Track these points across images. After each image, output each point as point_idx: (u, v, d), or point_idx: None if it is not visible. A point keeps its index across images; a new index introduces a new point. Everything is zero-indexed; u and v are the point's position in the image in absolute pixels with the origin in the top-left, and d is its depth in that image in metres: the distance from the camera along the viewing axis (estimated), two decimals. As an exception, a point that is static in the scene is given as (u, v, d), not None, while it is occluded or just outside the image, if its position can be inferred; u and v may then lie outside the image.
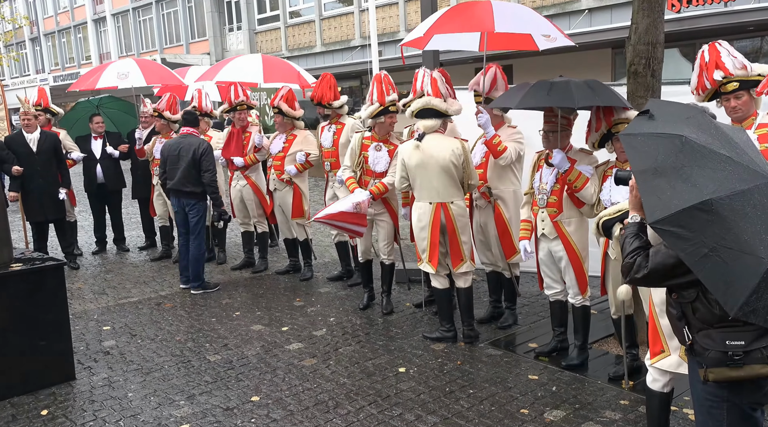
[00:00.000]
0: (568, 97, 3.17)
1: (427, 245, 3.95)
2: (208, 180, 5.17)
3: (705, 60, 3.09)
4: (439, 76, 3.93)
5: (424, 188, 3.91)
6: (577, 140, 3.55)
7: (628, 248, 1.86)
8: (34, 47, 33.99)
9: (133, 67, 6.71)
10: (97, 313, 4.97)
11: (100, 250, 7.02)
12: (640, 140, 1.75)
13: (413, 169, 3.91)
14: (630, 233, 1.89)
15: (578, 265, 3.53)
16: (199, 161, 5.13)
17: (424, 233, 3.95)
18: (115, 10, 27.62)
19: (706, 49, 3.11)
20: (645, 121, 1.82)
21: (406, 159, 3.92)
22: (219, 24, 22.55)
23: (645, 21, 3.66)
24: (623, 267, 1.88)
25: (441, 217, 3.89)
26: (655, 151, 1.69)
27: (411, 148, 3.90)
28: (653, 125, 1.78)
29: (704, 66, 3.10)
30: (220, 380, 3.61)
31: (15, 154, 5.72)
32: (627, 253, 1.86)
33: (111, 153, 6.63)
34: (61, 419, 3.23)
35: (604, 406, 3.17)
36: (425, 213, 3.92)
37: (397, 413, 3.16)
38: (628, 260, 1.84)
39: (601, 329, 4.13)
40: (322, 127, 5.41)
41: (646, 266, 1.78)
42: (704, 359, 1.79)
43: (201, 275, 5.40)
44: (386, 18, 17.02)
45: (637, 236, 1.87)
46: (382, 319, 4.59)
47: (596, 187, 3.34)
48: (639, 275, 1.81)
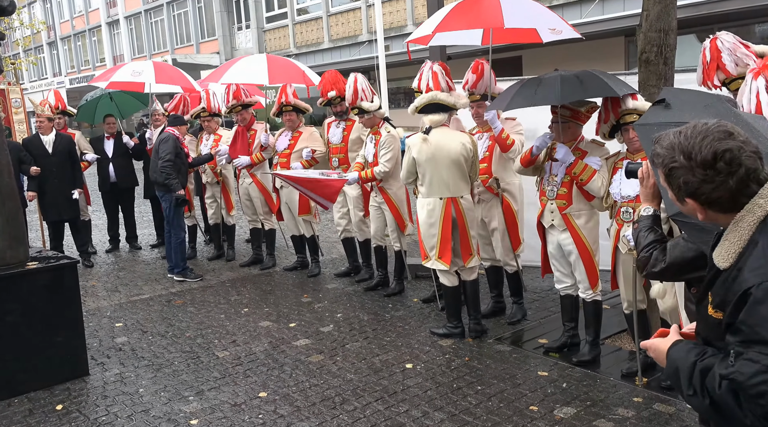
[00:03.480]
0: (552, 94, 3.15)
1: (438, 241, 3.88)
2: (160, 166, 5.39)
3: (706, 59, 2.93)
4: (439, 70, 3.90)
5: (434, 183, 3.84)
6: (591, 132, 3.49)
7: (644, 241, 1.78)
8: (51, 51, 34.57)
9: (148, 66, 6.81)
10: (110, 310, 5.04)
11: (113, 248, 7.12)
12: (656, 130, 1.69)
13: (423, 163, 3.83)
14: (644, 226, 1.81)
15: (588, 258, 3.47)
16: (158, 150, 5.46)
17: (434, 230, 3.87)
18: (128, 13, 27.96)
19: (707, 46, 2.94)
20: (660, 111, 1.75)
21: (416, 153, 3.84)
22: (228, 23, 22.70)
23: (656, 7, 3.56)
24: (639, 261, 1.80)
25: (452, 212, 3.84)
26: None
27: (420, 142, 3.82)
28: (669, 114, 1.71)
29: (706, 65, 2.95)
30: (228, 376, 3.63)
31: (32, 156, 5.85)
32: (642, 247, 1.78)
33: (126, 142, 6.75)
34: (75, 414, 3.28)
35: (616, 403, 3.11)
36: (436, 209, 3.85)
37: (404, 409, 3.15)
38: (644, 254, 1.77)
39: (614, 325, 4.07)
40: (329, 124, 5.40)
41: (664, 260, 1.71)
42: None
43: (179, 263, 5.62)
44: (393, 12, 16.97)
45: (652, 228, 1.80)
46: (389, 315, 4.58)
47: (604, 180, 3.28)
48: (656, 269, 1.73)
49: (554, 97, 3.14)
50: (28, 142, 6.04)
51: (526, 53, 13.58)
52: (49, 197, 6.00)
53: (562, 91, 3.11)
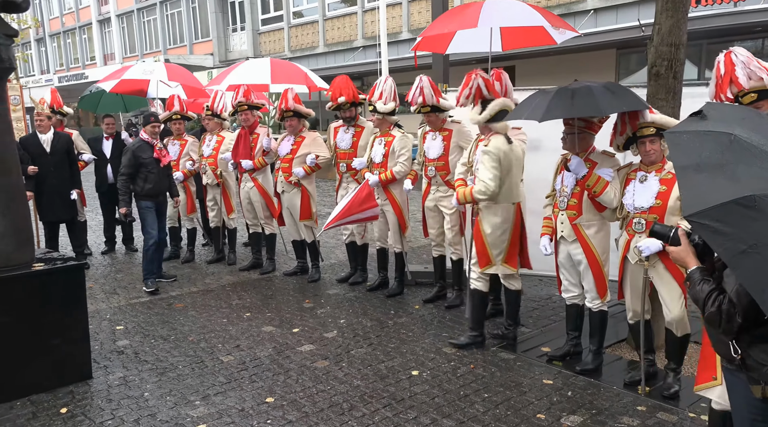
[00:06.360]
0: (592, 105, 3.13)
1: (507, 245, 3.88)
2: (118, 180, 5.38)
3: (720, 73, 2.97)
4: (493, 76, 3.92)
5: (512, 188, 3.83)
6: (602, 143, 3.53)
7: (702, 295, 1.76)
8: (39, 48, 34.06)
9: (159, 66, 6.81)
10: (110, 312, 4.99)
11: (109, 250, 7.04)
12: (685, 138, 1.71)
13: (509, 170, 3.78)
14: (695, 280, 1.80)
15: (597, 269, 3.52)
16: None
17: (506, 235, 3.87)
18: (120, 11, 27.68)
19: (722, 60, 2.98)
20: (695, 121, 1.77)
21: (503, 159, 3.73)
22: (222, 24, 22.59)
23: (669, 22, 3.62)
24: (708, 318, 1.75)
25: (520, 216, 3.97)
26: (700, 148, 1.64)
27: (507, 149, 3.75)
28: (703, 124, 1.73)
29: (719, 78, 2.99)
30: (234, 381, 3.62)
31: (29, 155, 5.77)
32: (703, 301, 1.76)
33: (125, 139, 6.73)
34: (80, 418, 3.24)
35: (621, 412, 3.17)
36: (510, 214, 3.87)
37: (413, 416, 3.17)
38: (711, 309, 1.73)
39: (612, 335, 4.13)
40: (336, 128, 5.43)
41: (736, 313, 1.67)
42: (761, 375, 1.72)
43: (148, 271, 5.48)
44: (389, 18, 17.02)
45: (703, 279, 1.78)
46: (392, 321, 4.60)
47: (617, 192, 3.33)
48: (733, 325, 1.69)
49: (597, 108, 3.13)
50: (26, 140, 5.94)
51: (519, 63, 13.74)
52: (47, 197, 5.92)
53: (601, 103, 3.11)
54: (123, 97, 7.29)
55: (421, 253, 6.68)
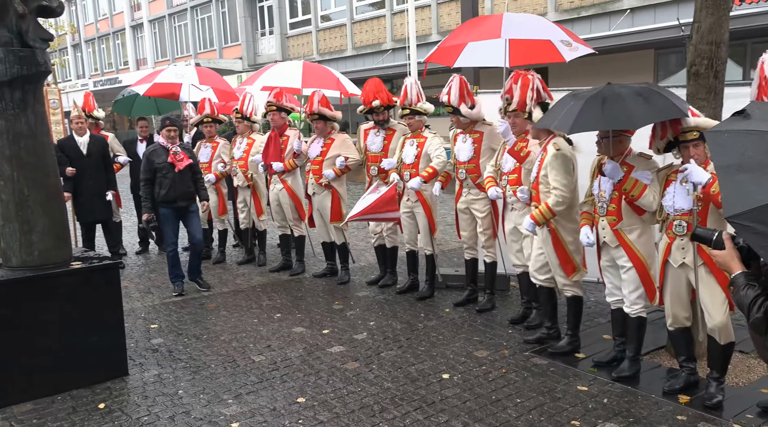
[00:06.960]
0: (624, 115, 3.00)
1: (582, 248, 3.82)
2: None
3: (764, 73, 2.91)
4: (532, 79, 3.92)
5: (577, 190, 3.81)
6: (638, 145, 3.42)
7: (746, 300, 1.72)
8: (75, 53, 35.25)
9: (191, 70, 6.96)
10: (144, 311, 5.10)
11: (143, 250, 7.22)
12: (726, 137, 1.66)
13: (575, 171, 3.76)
14: (740, 285, 1.76)
15: (644, 272, 3.40)
16: None
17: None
18: (152, 17, 28.43)
19: (765, 60, 2.92)
20: (737, 120, 1.72)
21: (574, 162, 3.73)
22: (251, 29, 22.95)
23: (709, 19, 3.50)
24: (754, 324, 1.71)
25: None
26: (743, 148, 1.60)
27: (572, 150, 3.73)
28: (746, 123, 1.69)
29: (763, 79, 2.93)
30: (265, 381, 3.66)
31: (67, 157, 5.95)
32: (748, 305, 1.72)
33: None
34: (117, 413, 3.32)
35: (660, 421, 3.08)
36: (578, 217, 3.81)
37: (444, 419, 3.14)
38: (757, 315, 1.70)
39: (649, 342, 4.01)
40: (366, 131, 5.44)
41: None
42: None
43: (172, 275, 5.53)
44: (418, 21, 17.00)
45: (749, 285, 1.74)
46: (422, 324, 4.58)
47: (656, 194, 3.24)
48: None
49: (629, 121, 3.01)
50: (63, 143, 6.13)
51: (552, 66, 13.52)
52: (84, 198, 6.10)
53: (633, 113, 2.97)
54: (156, 101, 7.47)
55: (452, 256, 6.64)
